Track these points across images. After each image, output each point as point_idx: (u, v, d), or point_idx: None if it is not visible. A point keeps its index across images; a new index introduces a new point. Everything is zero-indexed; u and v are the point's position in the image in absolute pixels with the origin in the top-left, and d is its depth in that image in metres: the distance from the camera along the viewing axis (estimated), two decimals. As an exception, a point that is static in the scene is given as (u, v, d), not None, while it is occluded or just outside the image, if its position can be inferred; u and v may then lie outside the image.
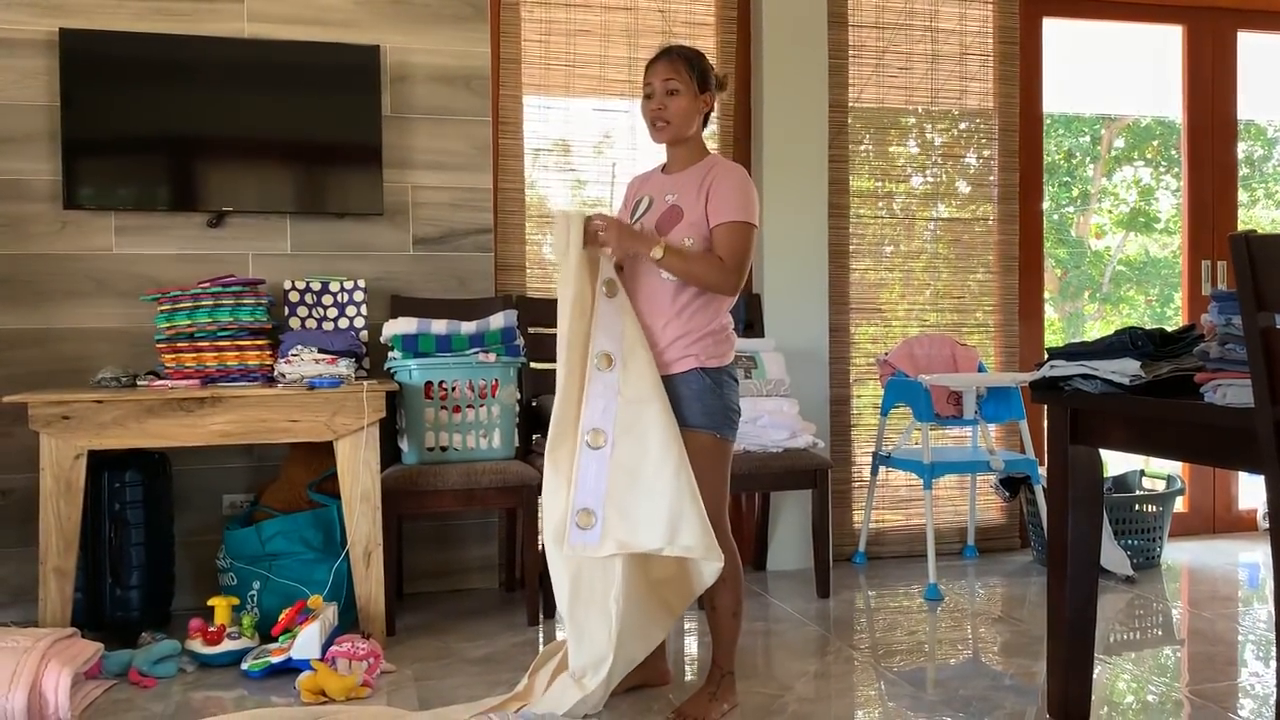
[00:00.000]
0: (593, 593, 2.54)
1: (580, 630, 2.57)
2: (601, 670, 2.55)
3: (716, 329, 2.61)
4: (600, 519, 2.48)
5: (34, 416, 3.00)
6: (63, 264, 3.59)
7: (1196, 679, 2.93)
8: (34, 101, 3.55)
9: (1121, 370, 2.30)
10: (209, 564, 3.51)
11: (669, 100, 2.61)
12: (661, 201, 2.65)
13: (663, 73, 2.62)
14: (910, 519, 4.49)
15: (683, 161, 2.67)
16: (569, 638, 2.62)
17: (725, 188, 2.56)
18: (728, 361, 2.62)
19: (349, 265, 3.81)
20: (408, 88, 3.87)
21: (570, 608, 2.57)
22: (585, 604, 2.55)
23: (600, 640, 2.54)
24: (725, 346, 2.63)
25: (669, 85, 2.60)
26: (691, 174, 2.63)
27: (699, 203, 2.58)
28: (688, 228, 2.58)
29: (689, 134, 2.65)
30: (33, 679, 2.57)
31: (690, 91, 2.61)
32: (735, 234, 2.55)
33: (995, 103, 4.56)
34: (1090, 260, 9.22)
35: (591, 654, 2.56)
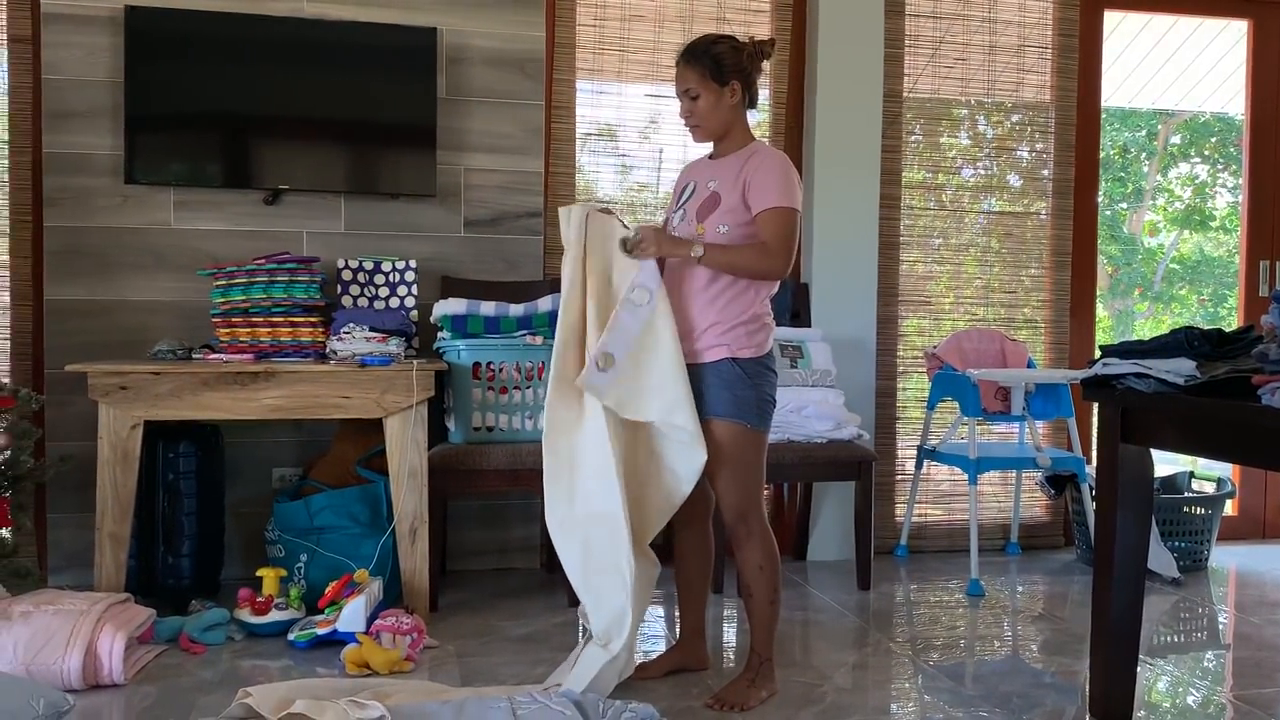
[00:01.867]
0: (603, 559, 2.58)
1: (597, 596, 2.61)
2: (624, 630, 2.57)
3: (750, 319, 2.61)
4: (616, 369, 2.53)
5: (93, 386, 3.07)
6: (123, 237, 3.67)
7: (1241, 684, 2.90)
8: (99, 77, 3.62)
9: (1176, 370, 2.27)
10: (258, 535, 3.57)
11: (693, 105, 2.63)
12: (704, 188, 2.66)
13: (681, 81, 2.64)
14: (953, 514, 4.47)
15: (727, 149, 2.68)
16: (587, 606, 2.65)
17: (764, 175, 2.56)
18: (764, 352, 2.62)
19: (401, 245, 3.85)
20: (463, 70, 3.89)
21: (584, 577, 2.62)
22: (598, 570, 2.60)
23: (618, 600, 2.57)
24: (760, 336, 2.62)
25: (688, 93, 2.62)
26: (732, 160, 2.64)
27: (736, 189, 2.58)
28: (724, 214, 2.59)
29: (725, 127, 2.65)
30: (88, 641, 2.64)
31: (709, 90, 2.60)
32: (778, 219, 2.55)
33: (1052, 95, 4.50)
34: (1142, 258, 9.08)
35: (611, 615, 2.59)
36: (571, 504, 2.62)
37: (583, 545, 2.61)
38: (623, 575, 2.56)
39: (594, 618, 2.64)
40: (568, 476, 2.62)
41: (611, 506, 2.54)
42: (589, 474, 2.59)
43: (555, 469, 2.63)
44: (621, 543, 2.54)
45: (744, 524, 2.63)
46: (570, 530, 2.63)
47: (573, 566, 2.65)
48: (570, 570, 2.66)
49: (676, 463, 2.64)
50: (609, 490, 2.55)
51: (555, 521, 2.64)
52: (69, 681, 2.59)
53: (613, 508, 2.54)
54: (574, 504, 2.62)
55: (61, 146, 3.61)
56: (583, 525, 2.61)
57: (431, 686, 2.61)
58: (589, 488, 2.59)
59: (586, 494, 2.59)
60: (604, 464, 2.55)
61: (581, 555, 2.62)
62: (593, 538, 2.59)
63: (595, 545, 2.59)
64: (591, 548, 2.60)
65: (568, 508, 2.63)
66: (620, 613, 2.58)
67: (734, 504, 2.62)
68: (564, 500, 2.63)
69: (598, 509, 2.57)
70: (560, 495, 2.63)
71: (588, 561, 2.61)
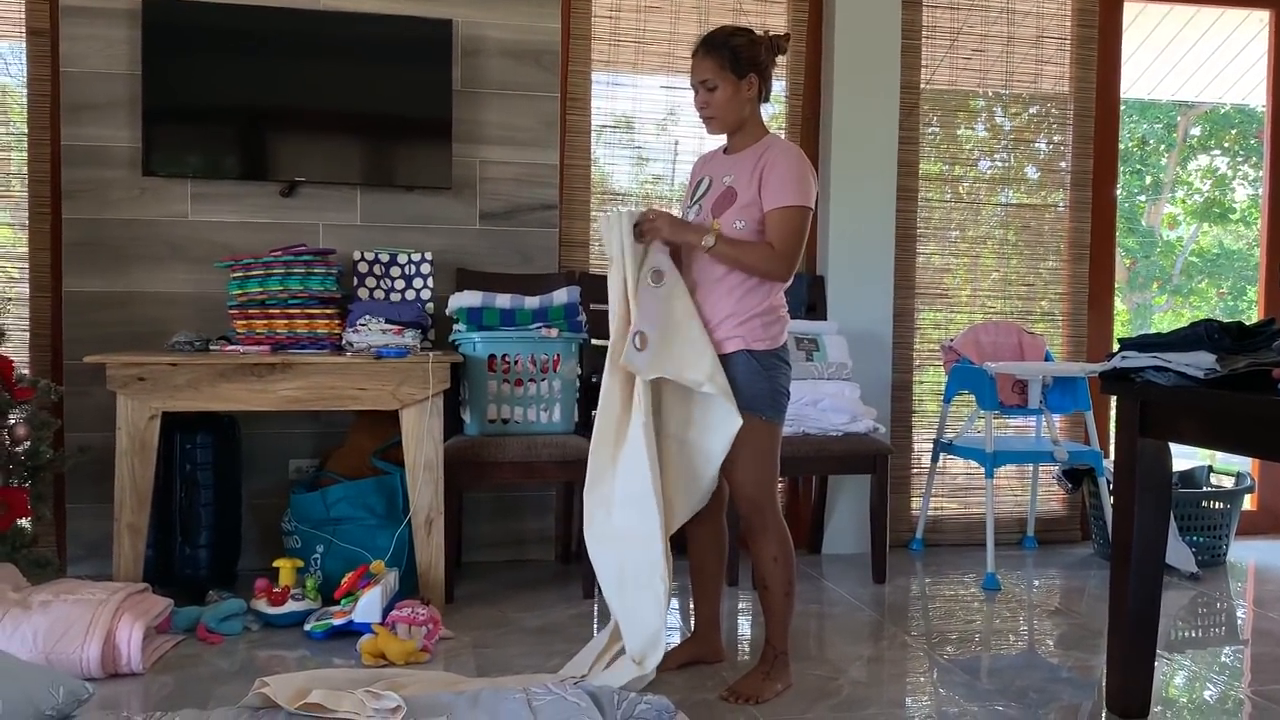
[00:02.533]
0: (638, 577, 2.59)
1: (631, 615, 2.62)
2: (658, 649, 2.60)
3: (765, 311, 2.60)
4: (651, 345, 2.54)
5: (111, 377, 3.09)
6: (141, 229, 3.68)
7: (1260, 679, 2.88)
8: (117, 70, 3.63)
9: (1196, 363, 2.25)
10: (275, 526, 3.59)
11: (709, 96, 2.61)
12: (719, 183, 2.66)
13: (697, 71, 2.62)
14: (969, 507, 4.46)
15: (741, 143, 2.67)
16: (621, 623, 2.66)
17: (778, 171, 2.55)
18: (778, 344, 2.62)
19: (416, 238, 3.85)
20: (479, 62, 3.89)
21: (619, 594, 2.64)
22: (633, 588, 2.61)
23: (652, 619, 2.59)
24: (775, 329, 2.62)
25: (705, 83, 2.61)
26: (747, 155, 2.62)
27: (752, 185, 2.57)
28: (740, 210, 2.58)
29: (740, 119, 2.64)
30: (107, 631, 2.66)
31: (727, 81, 2.59)
32: (787, 219, 2.53)
33: (1071, 87, 4.47)
34: (1161, 250, 9.02)
35: (646, 634, 2.61)
36: (609, 515, 2.63)
37: (618, 560, 2.63)
38: (657, 595, 2.56)
39: (628, 637, 2.64)
40: (608, 490, 2.63)
41: (648, 524, 2.55)
42: (627, 492, 2.59)
43: (596, 483, 2.64)
44: (657, 562, 2.55)
45: (759, 516, 2.63)
46: (606, 541, 2.64)
47: (608, 582, 2.66)
48: (605, 586, 2.67)
49: (708, 438, 2.62)
50: (646, 509, 2.55)
51: (592, 532, 2.66)
52: (88, 670, 2.61)
53: (649, 525, 2.55)
54: (610, 516, 2.63)
55: (80, 139, 3.63)
56: (618, 539, 2.62)
57: (447, 677, 2.62)
58: (625, 502, 2.60)
59: (623, 508, 2.60)
60: (643, 483, 2.55)
61: (617, 570, 2.64)
62: (627, 553, 2.60)
63: (630, 563, 2.60)
64: (626, 563, 2.61)
65: (605, 519, 2.64)
66: (655, 633, 2.59)
67: (749, 495, 2.62)
68: (602, 510, 2.64)
69: (633, 525, 2.58)
70: (597, 503, 2.64)
71: (623, 577, 2.63)
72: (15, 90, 3.72)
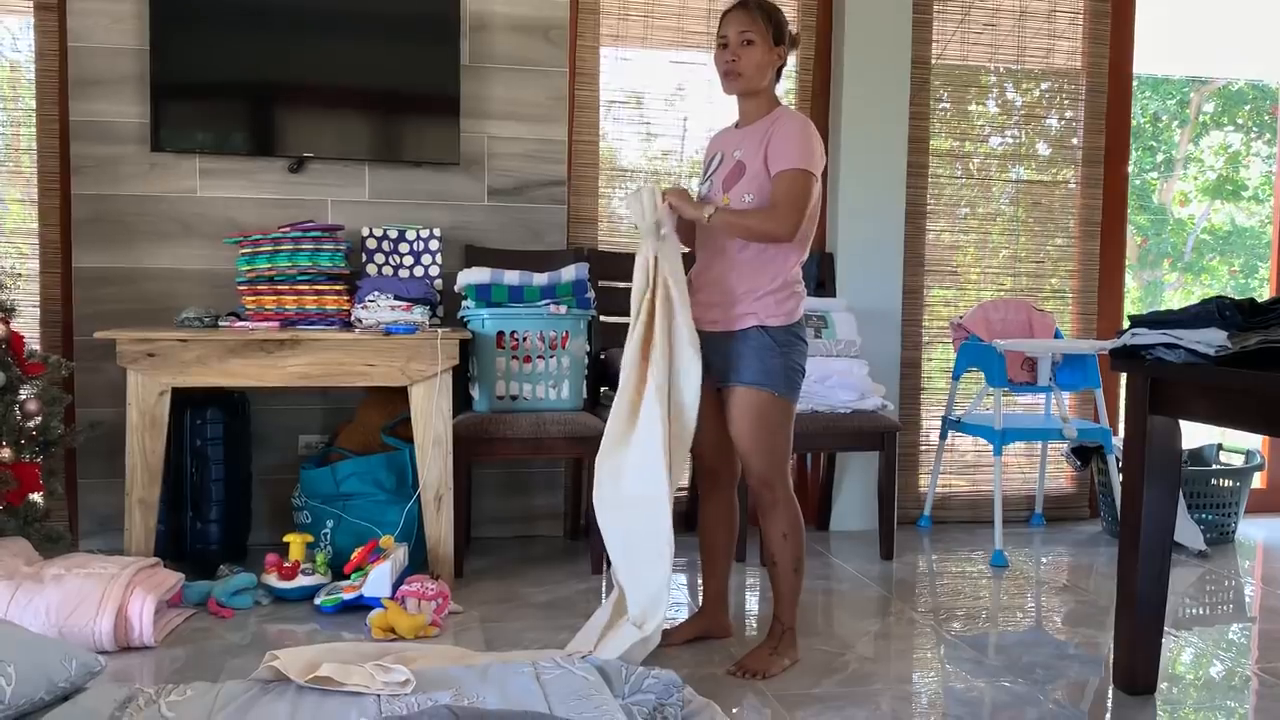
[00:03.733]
0: (644, 542, 2.59)
1: (635, 578, 2.62)
2: (659, 611, 2.59)
3: (779, 287, 2.59)
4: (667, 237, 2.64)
5: (121, 353, 3.10)
6: (150, 205, 3.68)
7: (1267, 657, 2.88)
8: (125, 45, 3.62)
9: (1207, 340, 2.24)
10: (285, 501, 3.60)
11: (743, 51, 2.58)
12: (730, 158, 2.65)
13: (739, 23, 2.59)
14: (977, 485, 4.46)
15: (753, 114, 2.66)
16: (625, 586, 2.66)
17: (783, 137, 2.55)
18: (793, 320, 2.62)
19: (425, 214, 3.84)
20: (486, 37, 3.87)
21: (625, 556, 2.65)
22: (639, 553, 2.61)
23: (655, 583, 2.58)
24: (790, 304, 2.61)
25: (745, 36, 2.58)
26: (757, 128, 2.62)
27: (759, 156, 2.57)
28: (748, 182, 2.58)
29: (760, 86, 2.63)
30: (119, 604, 2.68)
31: (765, 43, 2.58)
32: (790, 180, 2.52)
33: (1084, 62, 4.43)
34: (1172, 228, 8.96)
35: (648, 596, 2.60)
36: (618, 483, 2.63)
37: (625, 525, 2.63)
38: (662, 558, 2.57)
39: (630, 598, 2.65)
40: (619, 455, 2.63)
41: (656, 490, 2.55)
42: (637, 456, 2.60)
43: (609, 447, 2.65)
44: (663, 526, 2.55)
45: (769, 492, 2.63)
46: (614, 509, 2.65)
47: (614, 545, 2.67)
48: (611, 548, 2.68)
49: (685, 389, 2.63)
50: (655, 474, 2.56)
51: (601, 498, 2.66)
52: (100, 643, 2.63)
53: (657, 491, 2.55)
54: (620, 484, 2.63)
55: (88, 114, 3.63)
56: (627, 506, 2.62)
57: (456, 651, 2.63)
58: (635, 469, 2.60)
59: (633, 475, 2.61)
60: (653, 451, 2.56)
61: (624, 535, 2.64)
62: (635, 519, 2.60)
63: (637, 527, 2.60)
64: (633, 529, 2.62)
65: (614, 486, 2.64)
66: (657, 595, 2.59)
67: (760, 471, 2.62)
68: (610, 479, 2.64)
69: (642, 491, 2.58)
70: (608, 473, 2.65)
71: (629, 541, 2.63)
72: (23, 66, 3.71)
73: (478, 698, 2.11)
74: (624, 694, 2.19)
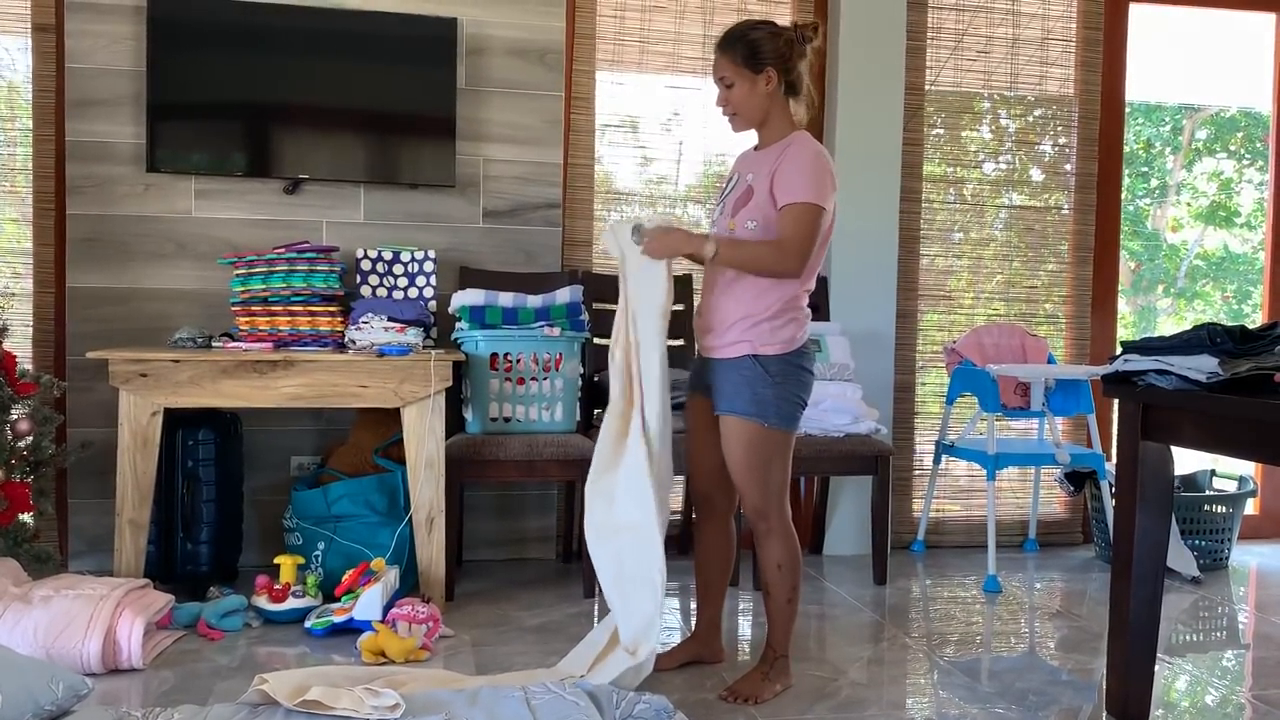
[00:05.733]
0: (636, 568, 2.59)
1: (627, 604, 2.62)
2: (651, 637, 2.58)
3: (775, 314, 2.56)
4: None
5: (114, 373, 3.09)
6: (145, 225, 3.69)
7: (1261, 683, 2.87)
8: (121, 66, 3.64)
9: (1198, 367, 2.25)
10: (276, 523, 3.59)
11: (728, 94, 2.59)
12: (743, 180, 2.64)
13: (716, 69, 2.61)
14: (971, 509, 4.45)
15: (768, 139, 2.64)
16: (616, 613, 2.65)
17: (792, 168, 2.52)
18: (792, 349, 2.57)
19: (419, 235, 3.85)
20: (483, 61, 3.89)
21: (616, 583, 2.64)
22: (630, 579, 2.61)
23: (648, 608, 2.58)
24: (787, 331, 2.57)
25: (723, 79, 2.59)
26: (770, 153, 2.60)
27: (766, 182, 2.55)
28: (753, 209, 2.57)
29: (763, 115, 2.61)
30: (108, 626, 2.66)
31: (744, 78, 2.56)
32: (796, 216, 2.50)
33: (1076, 89, 4.47)
34: (1165, 254, 9.00)
35: (640, 623, 2.60)
36: (609, 509, 2.63)
37: (616, 552, 2.63)
38: (653, 585, 2.56)
39: (622, 626, 2.64)
40: (609, 481, 2.64)
41: (645, 517, 2.56)
42: (626, 482, 2.60)
43: (598, 472, 2.65)
44: (654, 553, 2.55)
45: (764, 522, 2.62)
46: (606, 537, 2.64)
47: (605, 571, 2.66)
48: (602, 575, 2.67)
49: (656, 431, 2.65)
50: (643, 500, 2.56)
51: (592, 524, 2.66)
52: (88, 665, 2.62)
53: (646, 518, 2.56)
54: (611, 510, 2.63)
55: (84, 135, 3.64)
56: (618, 532, 2.62)
57: (446, 675, 2.62)
58: (625, 495, 2.60)
59: (624, 501, 2.61)
60: (641, 476, 2.57)
61: (615, 563, 2.63)
62: (625, 546, 2.60)
63: (628, 554, 2.60)
64: (624, 556, 2.61)
65: (605, 513, 2.64)
66: (649, 622, 2.58)
67: (754, 502, 2.61)
68: (602, 504, 2.65)
69: (633, 518, 2.58)
70: (598, 498, 2.65)
71: (621, 569, 2.63)
72: (20, 86, 3.72)
73: (467, 722, 2.09)
74: (615, 719, 2.18)
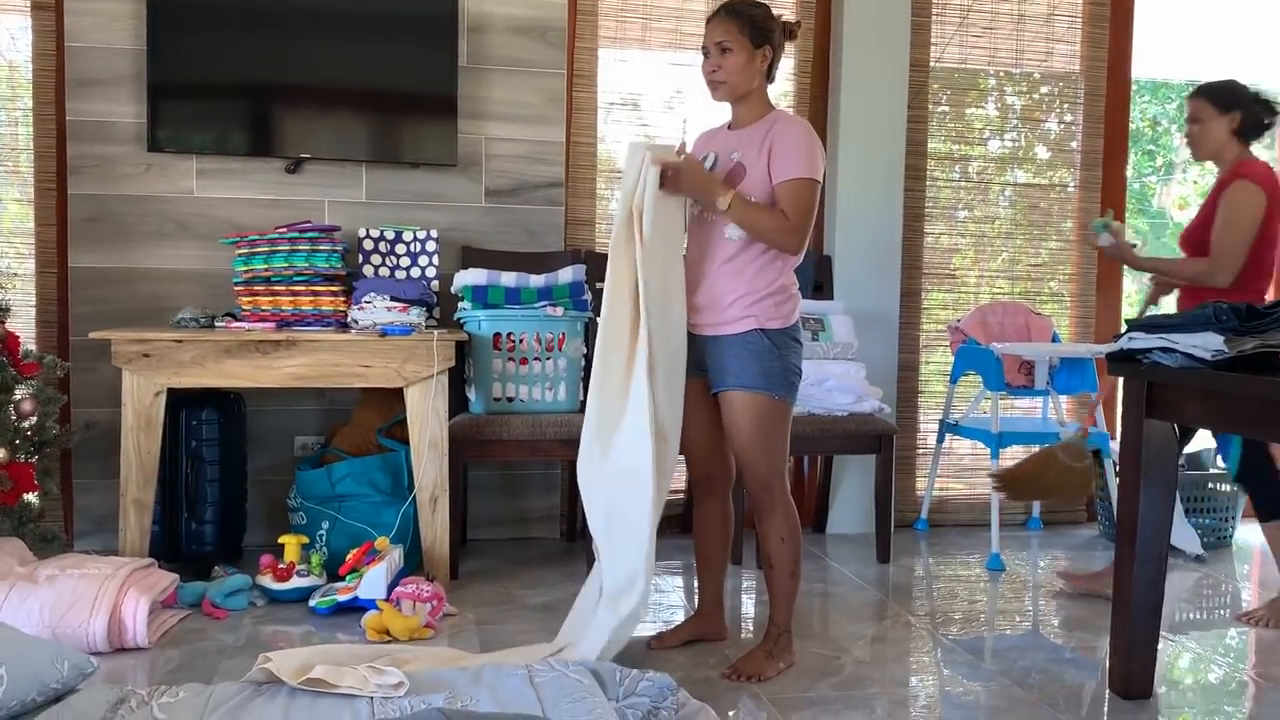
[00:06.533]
0: (625, 515, 2.56)
1: (614, 550, 2.58)
2: (635, 589, 2.53)
3: (777, 290, 2.59)
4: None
5: (117, 353, 3.10)
6: (146, 205, 3.68)
7: (1263, 661, 2.88)
8: (122, 45, 3.62)
9: (1203, 344, 2.24)
10: (280, 503, 3.60)
11: (723, 59, 2.58)
12: (726, 159, 2.64)
13: (715, 32, 2.59)
14: (974, 488, 4.45)
15: (746, 118, 2.65)
16: (603, 558, 2.61)
17: (788, 144, 2.53)
18: (791, 323, 2.61)
19: (421, 215, 3.84)
20: (485, 38, 3.87)
21: (606, 533, 2.60)
22: (619, 525, 2.57)
23: (633, 562, 2.54)
24: (788, 307, 2.61)
25: (722, 44, 2.57)
26: (755, 130, 2.60)
27: (761, 159, 2.56)
28: (749, 184, 2.56)
29: (747, 90, 2.61)
30: (113, 605, 2.67)
31: (744, 48, 2.56)
32: (798, 191, 2.52)
33: (1082, 66, 4.43)
34: (1171, 232, 8.96)
35: (624, 575, 2.55)
36: (605, 459, 2.59)
37: (607, 501, 2.59)
38: (641, 539, 2.53)
39: (607, 576, 2.60)
40: (607, 429, 2.59)
41: (641, 464, 2.51)
42: (625, 431, 2.56)
43: (596, 420, 2.60)
44: (645, 506, 2.52)
45: (768, 494, 2.62)
46: (597, 484, 2.61)
47: (596, 520, 2.62)
48: (593, 523, 2.64)
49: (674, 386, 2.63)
50: (640, 449, 2.52)
51: (585, 473, 2.62)
52: (94, 644, 2.63)
53: (642, 466, 2.51)
54: (606, 459, 2.59)
55: (85, 114, 3.62)
56: (610, 481, 2.58)
57: (450, 653, 2.63)
58: (623, 444, 2.56)
59: (619, 450, 2.56)
60: (640, 424, 2.52)
61: (605, 511, 2.60)
62: (618, 495, 2.57)
63: (619, 503, 2.57)
64: (615, 505, 2.58)
65: (600, 462, 2.59)
66: (633, 575, 2.54)
67: (759, 475, 2.61)
68: (598, 454, 2.60)
69: (627, 466, 2.54)
70: (594, 447, 2.60)
71: (610, 517, 2.59)
72: (21, 66, 3.70)
73: (471, 700, 2.10)
74: (618, 697, 2.18)
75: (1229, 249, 3.05)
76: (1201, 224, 3.16)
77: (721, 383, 2.62)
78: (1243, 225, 3.04)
